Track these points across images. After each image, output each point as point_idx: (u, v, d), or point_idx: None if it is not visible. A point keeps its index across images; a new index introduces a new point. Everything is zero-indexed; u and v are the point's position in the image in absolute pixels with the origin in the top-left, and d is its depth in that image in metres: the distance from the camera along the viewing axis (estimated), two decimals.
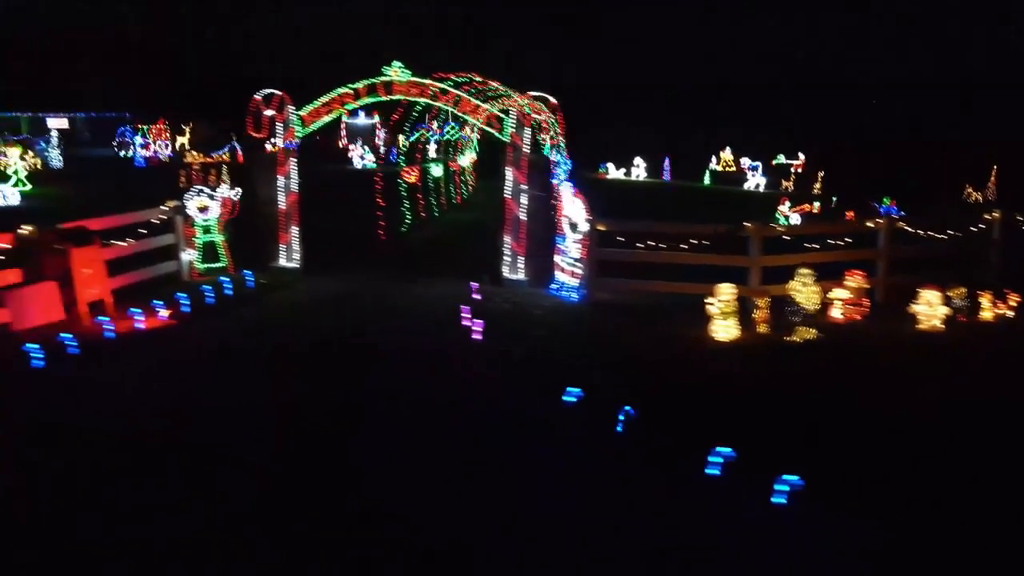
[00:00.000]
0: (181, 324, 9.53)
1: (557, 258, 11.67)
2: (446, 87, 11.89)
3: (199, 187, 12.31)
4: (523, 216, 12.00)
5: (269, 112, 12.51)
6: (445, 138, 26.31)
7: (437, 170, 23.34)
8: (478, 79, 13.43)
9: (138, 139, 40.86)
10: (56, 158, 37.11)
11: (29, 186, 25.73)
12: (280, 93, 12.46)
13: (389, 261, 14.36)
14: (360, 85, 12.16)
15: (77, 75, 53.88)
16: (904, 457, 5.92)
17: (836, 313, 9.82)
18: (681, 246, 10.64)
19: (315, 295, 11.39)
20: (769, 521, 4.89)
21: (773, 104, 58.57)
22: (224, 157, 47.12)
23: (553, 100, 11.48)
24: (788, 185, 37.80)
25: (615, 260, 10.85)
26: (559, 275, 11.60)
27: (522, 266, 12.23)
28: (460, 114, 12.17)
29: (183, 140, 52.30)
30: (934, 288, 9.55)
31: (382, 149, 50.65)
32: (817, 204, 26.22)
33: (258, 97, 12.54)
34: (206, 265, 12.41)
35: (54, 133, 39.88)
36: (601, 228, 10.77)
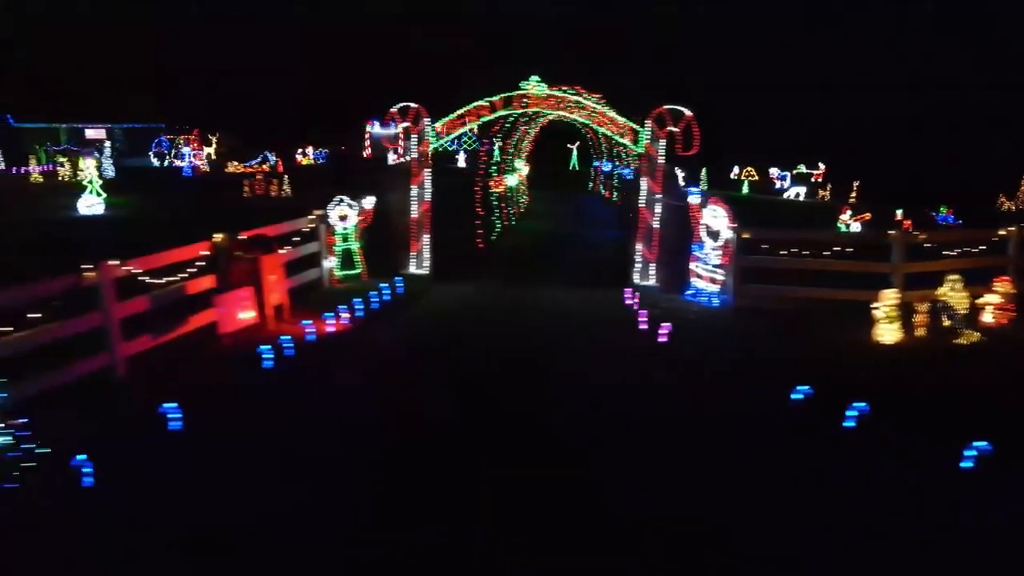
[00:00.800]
0: (356, 327, 9.93)
1: (692, 265, 12.06)
2: (581, 100, 12.33)
3: (340, 197, 12.73)
4: (656, 224, 12.40)
5: (404, 124, 12.95)
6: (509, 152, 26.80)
7: (512, 180, 23.79)
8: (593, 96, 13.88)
9: (187, 150, 41.31)
10: (109, 168, 37.67)
11: (104, 195, 26.17)
12: (416, 106, 12.90)
13: (506, 268, 14.77)
14: (497, 98, 12.60)
15: (115, 86, 54.49)
16: None
17: (987, 318, 10.19)
18: (824, 253, 11.03)
19: (465, 300, 11.79)
20: None
21: (787, 110, 58.89)
22: (265, 167, 47.78)
23: (688, 112, 11.86)
24: (824, 194, 38.21)
25: (758, 267, 11.24)
26: (695, 281, 11.97)
27: (653, 272, 12.64)
28: (595, 126, 12.59)
29: (209, 150, 53.05)
30: None
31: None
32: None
33: (394, 110, 12.99)
34: (344, 272, 12.81)
35: (107, 144, 40.42)
36: (746, 236, 11.16)
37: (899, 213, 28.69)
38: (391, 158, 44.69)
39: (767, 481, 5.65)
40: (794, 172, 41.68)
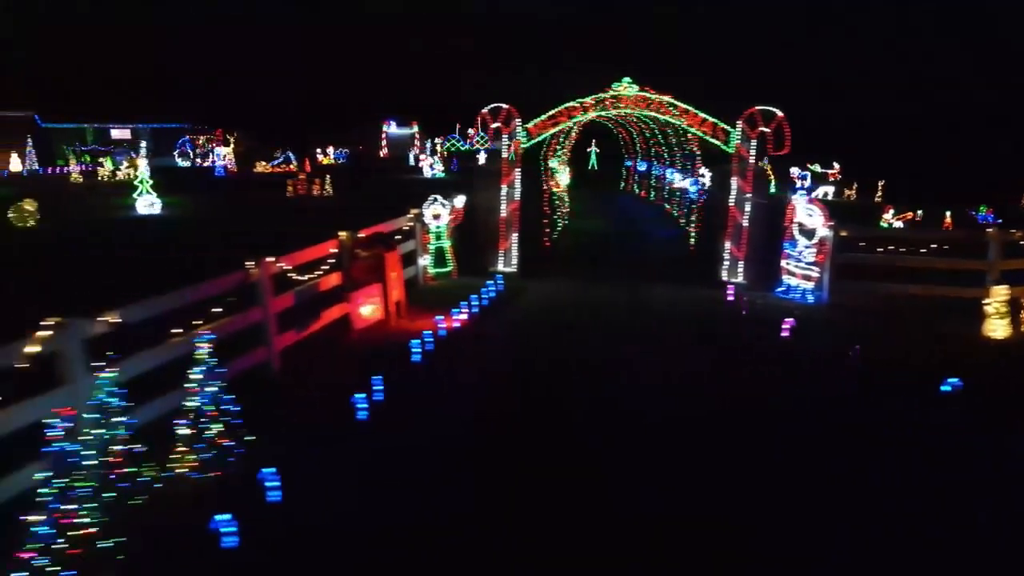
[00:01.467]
0: (473, 322, 10.19)
1: (784, 262, 12.29)
2: (673, 101, 12.57)
3: (434, 195, 12.98)
4: (745, 223, 12.64)
5: (496, 124, 13.19)
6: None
7: (564, 178, 23.99)
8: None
9: (220, 150, 41.58)
10: (145, 169, 37.96)
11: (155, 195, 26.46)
12: (507, 106, 13.15)
13: (584, 266, 15.00)
14: (588, 99, 12.85)
15: (139, 87, 54.83)
16: None
17: None
18: (921, 250, 11.26)
19: (561, 297, 12.02)
20: None
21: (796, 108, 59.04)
22: (292, 167, 48.04)
23: (780, 113, 12.09)
24: (851, 193, 38.38)
25: (854, 264, 11.47)
26: (787, 278, 12.21)
27: (741, 270, 12.88)
28: (686, 126, 12.83)
29: (227, 151, 53.37)
30: None
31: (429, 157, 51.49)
32: (920, 212, 26.80)
33: (485, 111, 13.23)
34: (436, 270, 13.07)
35: (143, 144, 40.70)
36: (844, 234, 11.40)
37: (948, 215, 28.88)
38: (427, 161, 44.97)
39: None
40: (810, 172, 41.80)
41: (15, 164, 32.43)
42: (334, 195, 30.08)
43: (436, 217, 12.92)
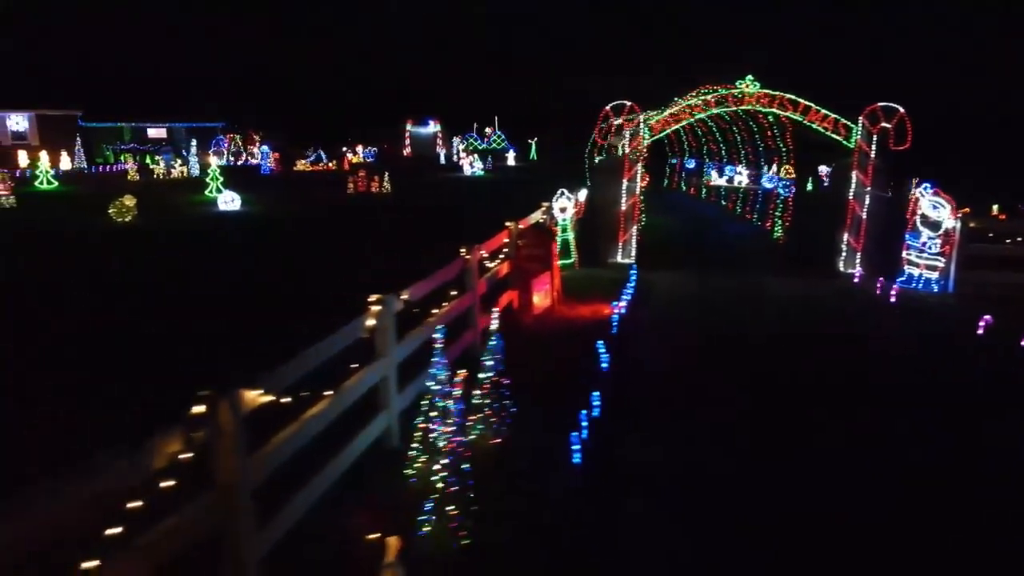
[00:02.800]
0: (633, 305, 10.65)
1: (905, 253, 12.73)
2: (795, 97, 13.02)
3: (561, 189, 13.44)
4: (864, 215, 13.09)
5: (618, 120, 13.65)
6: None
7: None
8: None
9: (265, 148, 42.03)
10: (195, 166, 38.51)
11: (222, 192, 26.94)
12: (630, 104, 13.60)
13: (684, 257, 15.42)
14: (710, 97, 13.30)
15: (176, 86, 55.30)
16: None
17: None
18: None
19: (686, 286, 12.43)
20: None
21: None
22: (331, 165, 48.50)
23: (901, 109, 12.54)
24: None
25: (983, 255, 11.92)
26: (909, 268, 12.64)
27: (858, 261, 13.32)
28: (807, 122, 13.27)
29: (253, 149, 53.86)
30: None
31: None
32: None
33: (608, 108, 13.69)
34: (561, 261, 13.51)
35: (193, 143, 41.19)
36: (972, 225, 11.84)
37: (995, 207, 29.20)
38: (468, 159, 45.50)
39: None
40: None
41: (65, 162, 32.98)
42: (393, 192, 30.50)
43: (563, 210, 13.39)
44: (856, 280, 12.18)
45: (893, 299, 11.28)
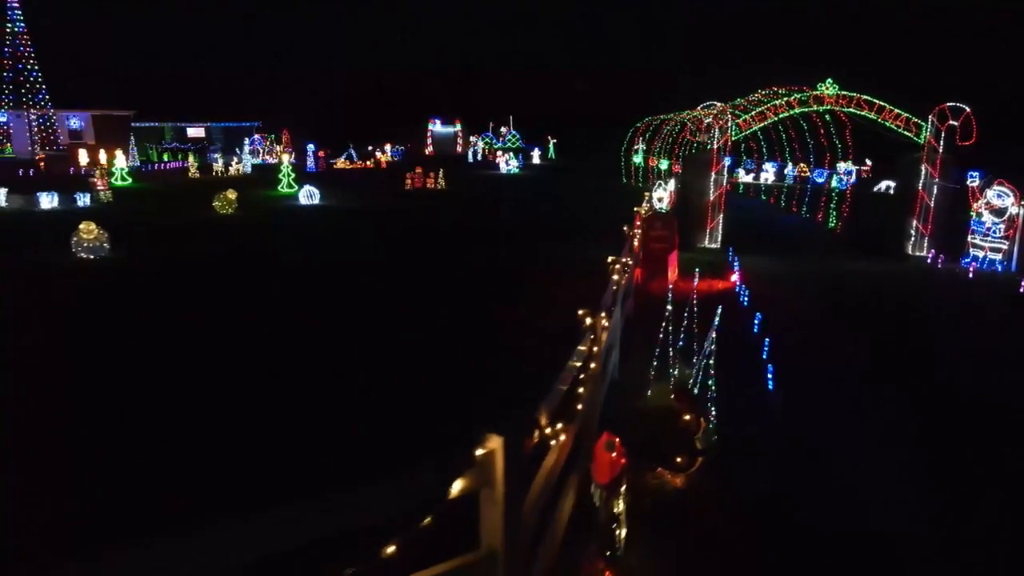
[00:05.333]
0: (743, 281, 12.18)
1: (970, 237, 14.27)
2: (871, 98, 14.56)
3: (659, 181, 14.99)
4: (931, 203, 14.63)
5: (707, 120, 15.20)
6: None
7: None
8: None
9: (311, 147, 43.51)
10: (248, 164, 40.08)
11: (295, 188, 28.37)
12: (721, 105, 15.16)
13: (753, 244, 16.89)
14: (793, 97, 14.84)
15: (215, 87, 56.96)
16: None
17: None
18: None
19: (780, 266, 13.98)
20: None
21: None
22: (369, 163, 50.07)
23: (967, 108, 14.06)
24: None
25: None
26: (974, 251, 14.19)
27: (926, 244, 14.87)
28: (883, 121, 14.81)
29: (278, 148, 55.37)
30: None
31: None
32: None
33: (699, 108, 15.24)
34: None
35: (247, 141, 42.72)
36: None
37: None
38: (503, 157, 47.10)
39: None
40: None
41: (120, 160, 34.51)
42: (446, 187, 31.99)
43: (660, 200, 14.93)
44: (929, 261, 13.72)
45: (971, 276, 12.81)
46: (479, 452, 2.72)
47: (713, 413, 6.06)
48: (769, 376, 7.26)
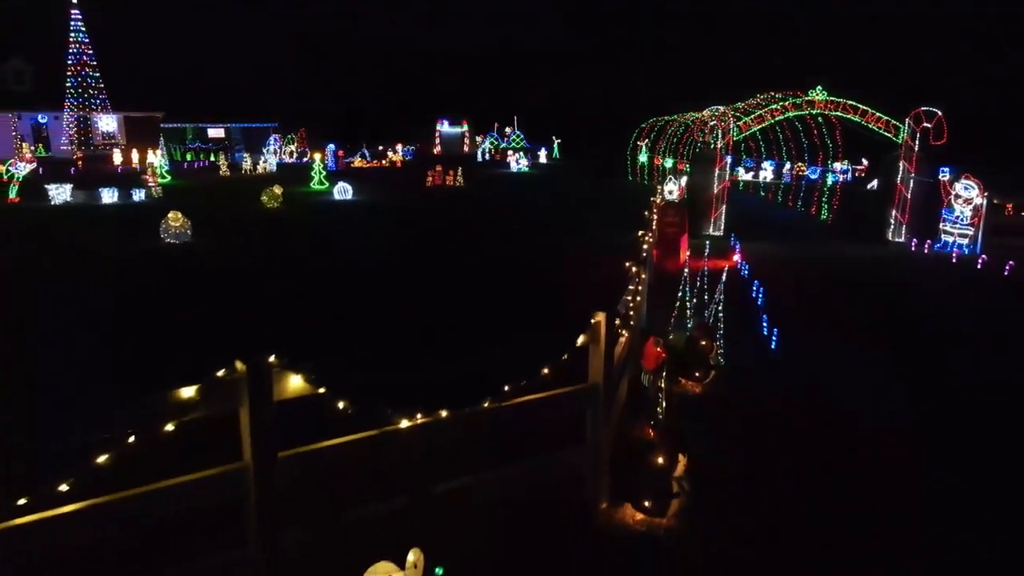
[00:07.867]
0: (745, 260, 14.27)
1: (941, 224, 16.35)
2: (856, 103, 16.65)
3: (671, 176, 17.07)
4: (908, 195, 16.73)
5: (712, 122, 17.27)
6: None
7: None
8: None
9: (332, 146, 45.56)
10: (272, 162, 42.16)
11: (326, 185, 30.39)
12: (724, 108, 17.24)
13: (752, 232, 19.00)
14: (788, 102, 16.92)
15: (236, 88, 59.02)
16: None
17: None
18: None
19: (778, 249, 16.06)
20: None
21: None
22: (384, 162, 52.15)
23: (939, 112, 16.15)
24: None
25: (1007, 225, 15.59)
26: (945, 236, 16.27)
27: (904, 231, 16.96)
28: (866, 123, 16.89)
29: (291, 148, 57.51)
30: None
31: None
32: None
33: (706, 111, 17.33)
34: None
35: (270, 140, 44.78)
36: (996, 201, 15.48)
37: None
38: (514, 157, 49.27)
39: None
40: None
41: (156, 159, 36.54)
42: (465, 185, 34.03)
43: (671, 192, 17.02)
44: (906, 246, 15.83)
45: (953, 259, 14.93)
46: (592, 321, 4.84)
47: (721, 344, 8.14)
48: (764, 321, 9.34)
